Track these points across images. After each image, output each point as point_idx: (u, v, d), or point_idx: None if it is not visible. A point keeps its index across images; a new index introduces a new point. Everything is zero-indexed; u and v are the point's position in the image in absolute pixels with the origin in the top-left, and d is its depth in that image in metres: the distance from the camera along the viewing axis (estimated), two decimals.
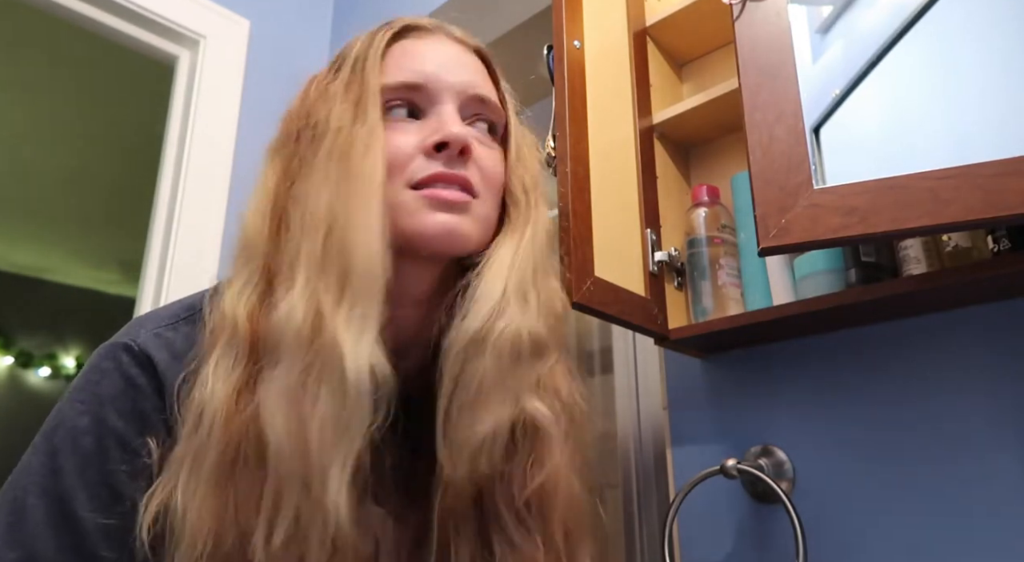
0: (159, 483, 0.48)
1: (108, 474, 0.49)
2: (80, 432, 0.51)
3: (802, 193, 0.60)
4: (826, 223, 0.58)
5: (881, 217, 0.56)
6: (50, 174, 3.29)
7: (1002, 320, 0.79)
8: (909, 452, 0.83)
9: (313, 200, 0.52)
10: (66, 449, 0.51)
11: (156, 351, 0.52)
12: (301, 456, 0.45)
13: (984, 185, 0.54)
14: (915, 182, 0.56)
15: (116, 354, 0.53)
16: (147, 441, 0.50)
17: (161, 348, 0.53)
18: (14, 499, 0.50)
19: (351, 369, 0.46)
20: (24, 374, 4.31)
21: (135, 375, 0.51)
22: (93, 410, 0.51)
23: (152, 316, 0.57)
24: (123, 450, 0.49)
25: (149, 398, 0.51)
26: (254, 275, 0.53)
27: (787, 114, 0.63)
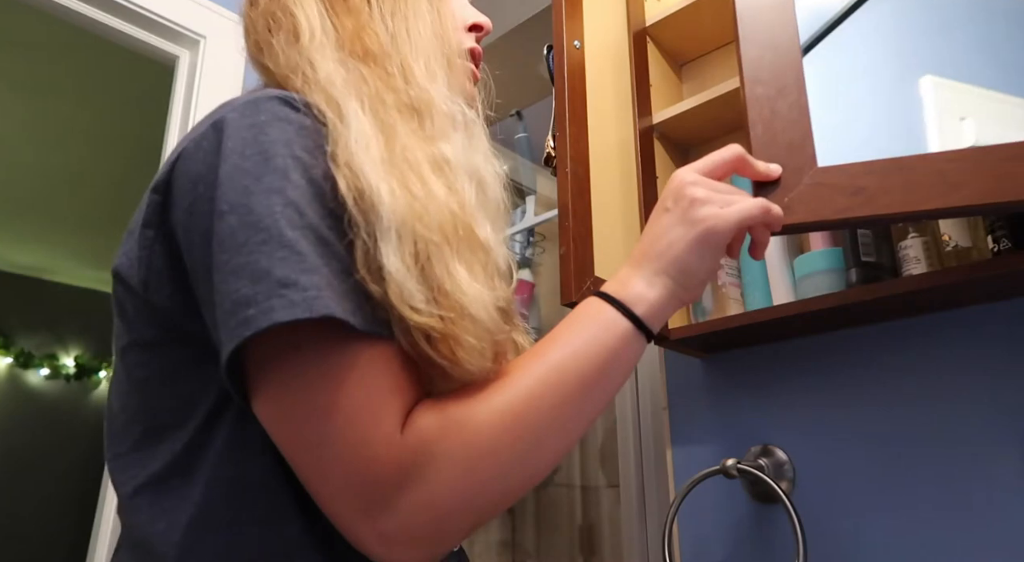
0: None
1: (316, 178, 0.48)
2: (286, 156, 0.48)
3: (806, 171, 0.56)
4: (832, 203, 0.55)
5: (889, 198, 0.53)
6: (50, 174, 3.28)
7: (1002, 320, 0.79)
8: (909, 452, 0.83)
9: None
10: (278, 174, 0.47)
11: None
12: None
13: (995, 169, 0.52)
14: (924, 163, 0.54)
15: (265, 105, 0.50)
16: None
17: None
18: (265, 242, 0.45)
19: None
20: (24, 374, 4.31)
21: (302, 115, 0.50)
22: (277, 140, 0.48)
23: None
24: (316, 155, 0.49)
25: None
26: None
27: (789, 88, 0.60)
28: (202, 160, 0.48)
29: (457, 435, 0.46)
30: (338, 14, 0.57)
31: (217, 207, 0.46)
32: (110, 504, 1.23)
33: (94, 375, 4.58)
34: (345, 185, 0.47)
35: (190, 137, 0.51)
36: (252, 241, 0.44)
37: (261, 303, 0.43)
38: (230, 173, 0.47)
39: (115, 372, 0.55)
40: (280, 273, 0.44)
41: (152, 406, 0.52)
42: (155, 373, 0.52)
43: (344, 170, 0.48)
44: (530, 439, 0.47)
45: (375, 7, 0.58)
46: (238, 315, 0.43)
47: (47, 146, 3.08)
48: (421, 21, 0.59)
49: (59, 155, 3.14)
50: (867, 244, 0.83)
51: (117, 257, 0.54)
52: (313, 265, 0.45)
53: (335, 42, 0.56)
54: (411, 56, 0.57)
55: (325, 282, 0.45)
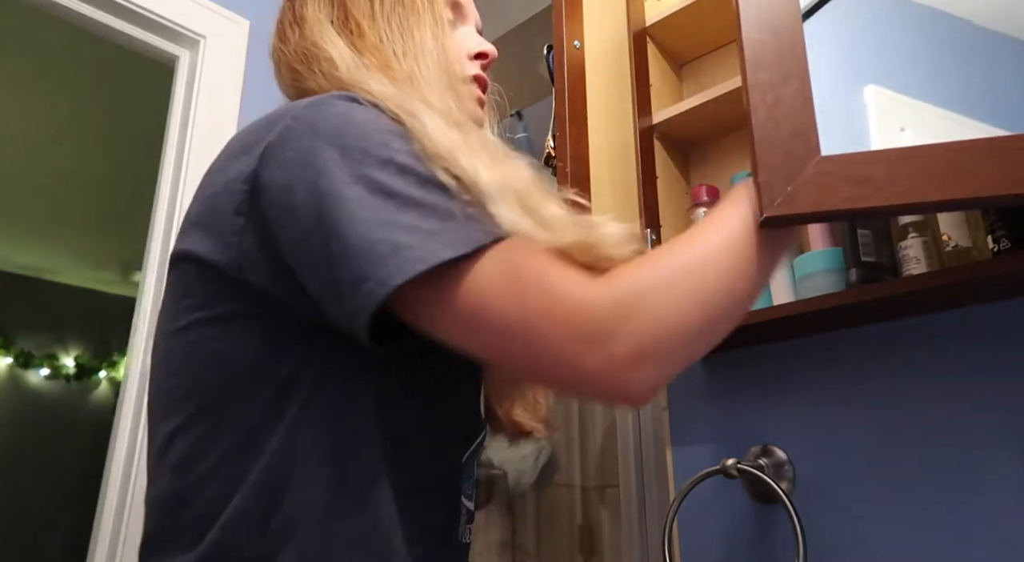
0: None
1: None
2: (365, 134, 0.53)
3: (810, 159, 0.54)
4: (837, 193, 0.53)
5: (898, 188, 0.52)
6: (50, 174, 3.28)
7: (1002, 320, 0.79)
8: (909, 451, 0.83)
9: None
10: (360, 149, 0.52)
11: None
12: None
13: (1008, 159, 0.50)
14: (935, 153, 0.52)
15: (335, 100, 0.56)
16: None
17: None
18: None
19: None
20: (24, 374, 4.31)
21: (368, 106, 0.56)
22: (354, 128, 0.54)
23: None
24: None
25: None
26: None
27: (793, 74, 0.58)
28: (295, 147, 0.53)
29: (658, 277, 0.51)
30: (362, 52, 0.64)
31: (333, 186, 0.50)
32: (110, 504, 1.23)
33: (94, 375, 4.58)
34: (443, 174, 0.52)
35: (262, 131, 0.56)
36: (386, 206, 0.49)
37: (420, 247, 0.48)
38: (335, 154, 0.51)
39: (165, 351, 0.58)
40: (428, 222, 0.49)
41: (215, 379, 0.55)
42: (227, 347, 0.55)
43: (437, 161, 0.53)
44: (724, 276, 0.53)
45: (388, 45, 0.65)
46: (392, 261, 0.47)
47: (47, 146, 3.08)
48: (429, 57, 0.66)
49: (59, 155, 3.14)
50: (867, 244, 0.83)
51: (186, 242, 0.57)
52: (448, 211, 0.50)
53: (374, 69, 0.63)
54: (426, 90, 0.63)
55: (462, 210, 0.51)
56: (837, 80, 0.62)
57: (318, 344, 0.54)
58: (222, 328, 0.55)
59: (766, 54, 0.60)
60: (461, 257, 0.48)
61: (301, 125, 0.53)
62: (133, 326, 1.36)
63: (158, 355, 0.59)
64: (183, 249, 0.57)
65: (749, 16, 0.61)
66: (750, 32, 0.61)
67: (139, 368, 1.31)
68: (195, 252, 0.56)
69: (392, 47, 0.65)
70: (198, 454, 0.54)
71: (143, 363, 1.31)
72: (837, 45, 0.64)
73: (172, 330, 0.57)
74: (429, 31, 0.67)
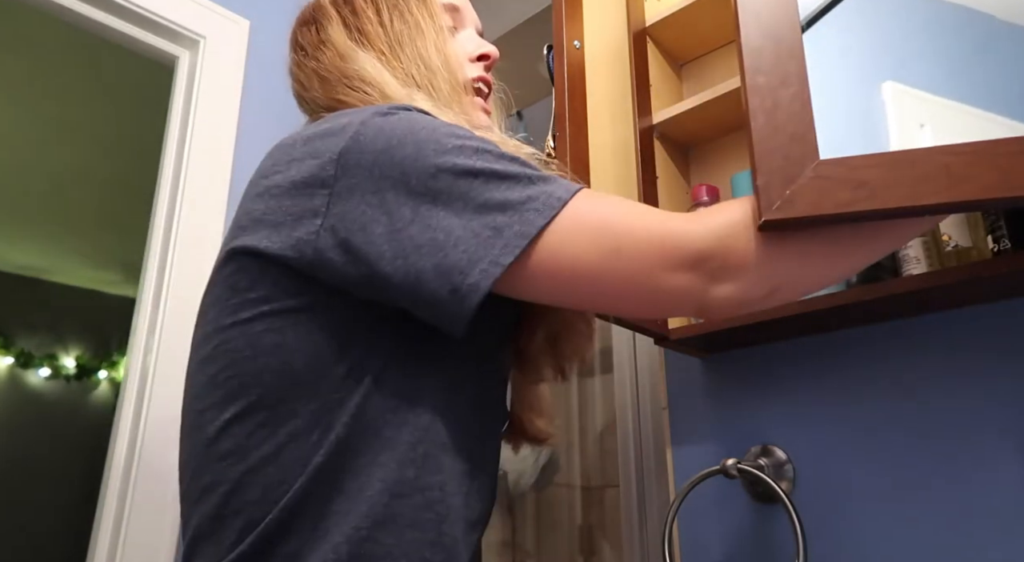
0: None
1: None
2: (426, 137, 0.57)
3: (808, 163, 0.55)
4: (834, 197, 0.54)
5: (893, 192, 0.53)
6: (50, 174, 3.28)
7: (1002, 320, 0.79)
8: (909, 452, 0.83)
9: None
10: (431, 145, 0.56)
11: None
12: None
13: (1002, 164, 0.51)
14: (929, 157, 0.53)
15: (392, 109, 0.60)
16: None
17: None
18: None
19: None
20: (24, 374, 4.31)
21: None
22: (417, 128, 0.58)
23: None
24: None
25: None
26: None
27: (792, 79, 0.59)
28: (372, 149, 0.56)
29: (746, 215, 0.55)
30: (396, 77, 0.70)
31: (421, 180, 0.54)
32: (110, 504, 1.23)
33: (94, 375, 4.58)
34: (512, 149, 0.60)
35: (329, 138, 0.59)
36: (474, 186, 0.54)
37: (518, 221, 0.53)
38: (413, 151, 0.55)
39: (220, 342, 0.60)
40: (516, 195, 0.54)
41: (280, 370, 0.57)
42: (292, 339, 0.57)
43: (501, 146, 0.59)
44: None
45: (409, 71, 0.71)
46: (505, 233, 0.52)
47: (47, 146, 3.08)
48: (439, 76, 0.71)
49: (59, 155, 3.14)
50: None
51: (249, 240, 0.60)
52: (532, 176, 0.55)
53: (413, 93, 0.69)
54: (448, 112, 0.67)
55: (538, 174, 0.56)
56: (854, 77, 0.62)
57: (381, 337, 0.57)
58: (289, 321, 0.58)
59: (765, 58, 0.61)
60: (554, 218, 0.53)
61: (371, 130, 0.57)
62: (133, 326, 1.36)
63: (210, 346, 0.61)
64: (246, 245, 0.59)
65: (748, 20, 0.62)
66: (749, 36, 0.61)
67: (139, 368, 1.31)
68: (261, 248, 0.58)
69: (410, 72, 0.70)
70: (258, 441, 0.56)
71: (143, 363, 1.31)
72: (853, 42, 0.64)
73: (230, 322, 0.60)
74: (433, 46, 0.72)
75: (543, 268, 0.54)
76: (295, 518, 0.55)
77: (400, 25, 0.73)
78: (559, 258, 0.54)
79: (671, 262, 0.54)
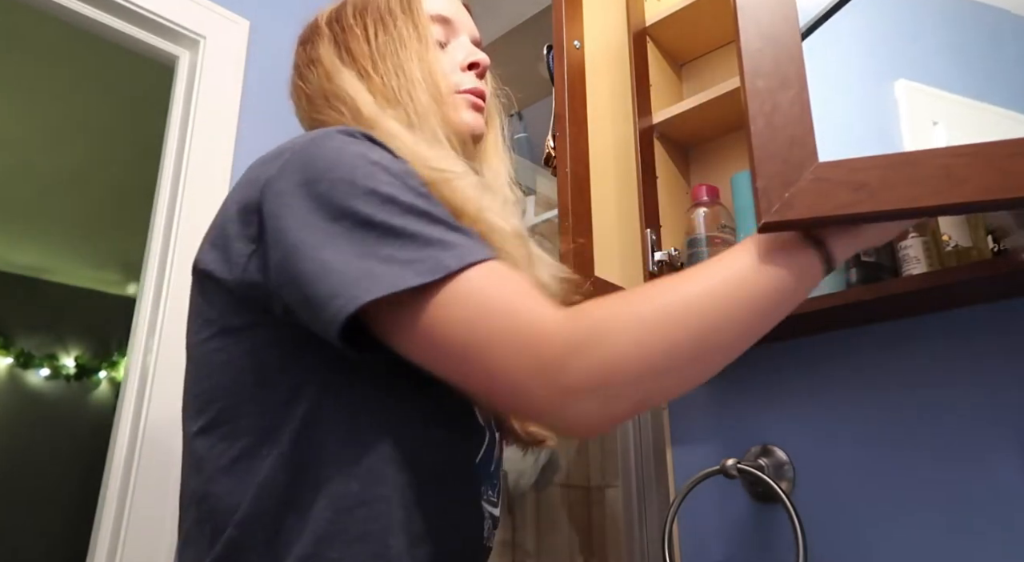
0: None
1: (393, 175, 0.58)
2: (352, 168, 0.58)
3: (807, 166, 0.55)
4: (834, 199, 0.54)
5: (892, 194, 0.53)
6: (50, 174, 3.28)
7: (1002, 320, 0.79)
8: (909, 451, 0.83)
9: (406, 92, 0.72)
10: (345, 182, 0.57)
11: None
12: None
13: (1001, 165, 0.51)
14: (928, 158, 0.53)
15: (333, 135, 0.61)
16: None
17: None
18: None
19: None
20: (24, 374, 4.31)
21: (364, 139, 0.61)
22: (346, 160, 0.58)
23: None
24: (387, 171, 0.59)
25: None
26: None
27: (791, 82, 0.59)
28: (290, 180, 0.58)
29: (627, 313, 0.52)
30: (373, 94, 0.71)
31: (325, 215, 0.55)
32: (110, 504, 1.23)
33: (94, 375, 4.58)
34: (430, 202, 0.58)
35: (267, 164, 0.61)
36: (367, 238, 0.54)
37: (391, 274, 0.52)
38: (325, 187, 0.56)
39: (195, 358, 0.65)
40: (405, 251, 0.54)
41: (230, 386, 0.60)
42: (238, 356, 0.61)
43: (433, 187, 0.60)
44: (697, 326, 0.53)
45: (386, 84, 0.71)
46: (363, 283, 0.52)
47: (47, 146, 3.08)
48: (420, 89, 0.71)
49: (59, 155, 3.14)
50: None
51: (205, 261, 0.63)
52: (430, 237, 0.54)
53: (388, 114, 0.69)
54: (427, 127, 0.69)
55: (459, 238, 0.55)
56: (866, 76, 0.62)
57: (322, 354, 0.58)
58: (234, 339, 0.61)
59: (764, 61, 0.61)
60: (429, 283, 0.52)
61: (298, 159, 0.58)
62: (133, 326, 1.36)
63: (190, 362, 0.65)
64: (203, 267, 0.63)
65: (747, 24, 0.62)
66: (748, 40, 0.62)
67: (139, 368, 1.31)
68: (212, 272, 0.62)
69: (389, 85, 0.72)
70: (218, 454, 0.59)
71: (143, 363, 1.31)
72: (865, 39, 0.64)
73: (196, 341, 0.64)
74: (415, 58, 0.73)
75: (408, 327, 0.54)
76: (249, 533, 0.56)
77: (384, 39, 0.74)
78: (421, 326, 0.53)
79: (532, 372, 0.51)
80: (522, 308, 0.53)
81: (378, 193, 0.55)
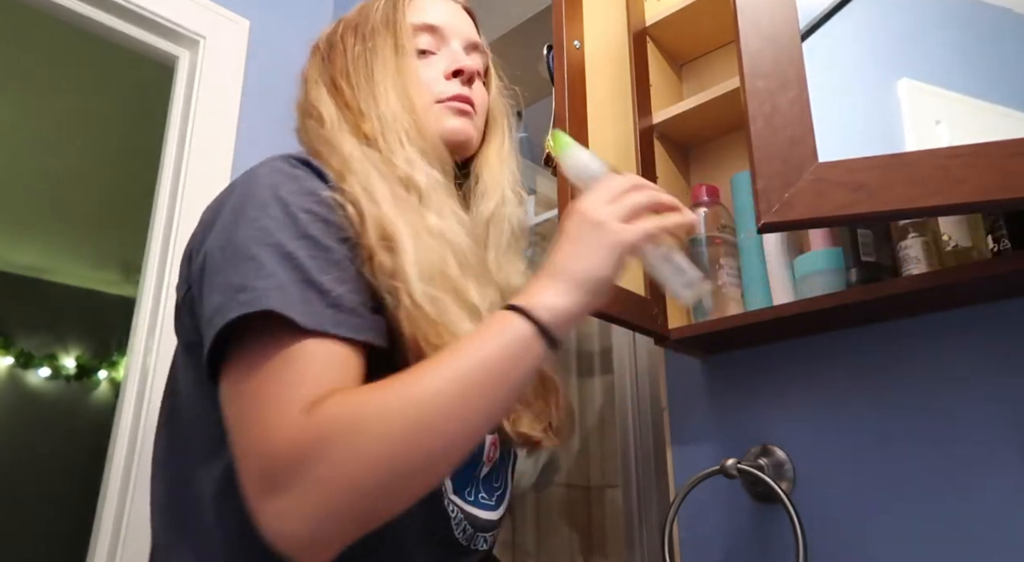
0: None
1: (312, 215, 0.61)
2: (273, 200, 0.61)
3: (807, 166, 0.56)
4: (832, 199, 0.54)
5: (891, 194, 0.53)
6: (50, 174, 3.28)
7: (1002, 320, 0.79)
8: (909, 451, 0.83)
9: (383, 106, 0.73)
10: (274, 213, 0.59)
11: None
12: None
13: (999, 165, 0.51)
14: (926, 159, 0.53)
15: (275, 163, 0.64)
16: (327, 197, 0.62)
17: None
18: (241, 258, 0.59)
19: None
20: (24, 374, 4.30)
21: (297, 168, 0.64)
22: (274, 186, 0.62)
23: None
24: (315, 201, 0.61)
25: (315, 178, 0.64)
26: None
27: (791, 83, 0.59)
28: (212, 209, 0.65)
29: (350, 420, 0.50)
30: (343, 110, 0.73)
31: (212, 245, 0.60)
32: (110, 504, 1.23)
33: (94, 375, 4.58)
34: (374, 227, 0.60)
35: (221, 195, 0.67)
36: (228, 263, 0.57)
37: (226, 307, 0.54)
38: (225, 216, 0.61)
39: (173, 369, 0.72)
40: (238, 281, 0.55)
41: (175, 397, 0.68)
42: (182, 370, 0.67)
43: (371, 219, 0.61)
44: (421, 429, 0.50)
45: (359, 102, 0.73)
46: (213, 321, 0.55)
47: (47, 146, 3.08)
48: (394, 107, 0.72)
49: (59, 155, 3.14)
50: (867, 244, 0.83)
51: (178, 283, 0.70)
52: (270, 272, 0.55)
53: (348, 129, 0.71)
54: (393, 138, 0.70)
55: (276, 284, 0.54)
56: (869, 75, 0.62)
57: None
58: (184, 355, 0.67)
59: (764, 62, 0.61)
60: (244, 316, 0.54)
61: (227, 190, 0.65)
62: (133, 326, 1.36)
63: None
64: (177, 286, 0.70)
65: (747, 25, 0.62)
66: (748, 41, 0.62)
67: (139, 368, 1.31)
68: (179, 291, 0.68)
69: (361, 104, 0.73)
70: (158, 457, 0.67)
71: (143, 363, 1.31)
72: (867, 39, 0.63)
73: (176, 354, 0.71)
74: (390, 72, 0.74)
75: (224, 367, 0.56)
76: (165, 543, 0.62)
77: (359, 51, 0.76)
78: (223, 368, 0.56)
79: (256, 482, 0.50)
80: (278, 406, 0.52)
81: (258, 222, 0.58)
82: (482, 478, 0.73)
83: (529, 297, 0.57)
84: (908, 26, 0.63)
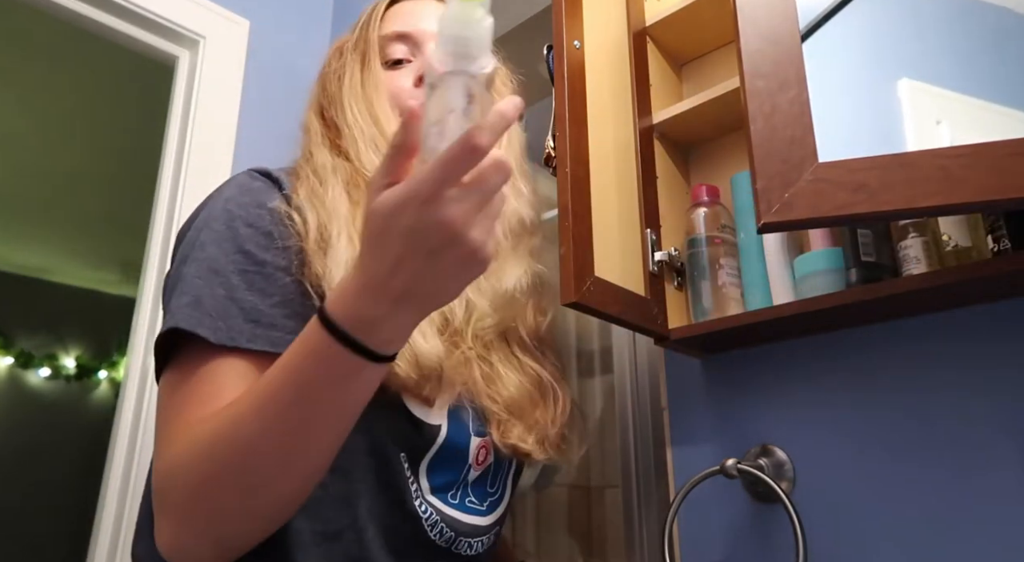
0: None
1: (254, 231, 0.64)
2: (222, 216, 0.65)
3: (806, 167, 0.56)
4: (832, 199, 0.54)
5: (891, 195, 0.53)
6: (50, 174, 3.28)
7: (1002, 320, 0.79)
8: (909, 452, 0.83)
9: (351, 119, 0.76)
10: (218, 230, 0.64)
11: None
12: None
13: (999, 165, 0.51)
14: (926, 159, 0.53)
15: (239, 177, 0.69)
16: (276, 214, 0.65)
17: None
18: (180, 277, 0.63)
19: None
20: (24, 374, 4.30)
21: (257, 181, 0.69)
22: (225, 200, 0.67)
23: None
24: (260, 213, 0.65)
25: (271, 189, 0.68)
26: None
27: (790, 82, 0.59)
28: (188, 220, 0.70)
29: (196, 443, 0.52)
30: (324, 125, 0.77)
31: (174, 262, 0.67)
32: (110, 504, 1.23)
33: (94, 375, 4.58)
34: (314, 231, 0.63)
35: (197, 209, 0.73)
36: (171, 281, 0.63)
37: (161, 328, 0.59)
38: (190, 234, 0.65)
39: None
40: (169, 299, 0.60)
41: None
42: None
43: (312, 224, 0.63)
44: (238, 456, 0.51)
45: (337, 116, 0.76)
46: (174, 314, 0.59)
47: (47, 146, 3.08)
48: (353, 112, 0.75)
49: (59, 155, 3.14)
50: (867, 244, 0.83)
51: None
52: (188, 289, 0.58)
53: (327, 145, 0.74)
54: (362, 148, 0.72)
55: (189, 302, 0.57)
56: (869, 75, 0.62)
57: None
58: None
59: (764, 62, 0.61)
60: (161, 335, 0.57)
61: (200, 215, 0.68)
62: (133, 326, 1.36)
63: None
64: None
65: (747, 24, 0.62)
66: (747, 40, 0.62)
67: (139, 368, 1.31)
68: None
69: (336, 119, 0.76)
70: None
71: (143, 363, 1.31)
72: (868, 39, 0.63)
73: None
74: (356, 87, 0.76)
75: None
76: (145, 536, 0.62)
77: (335, 68, 0.80)
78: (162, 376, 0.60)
79: (154, 489, 0.55)
80: (174, 423, 0.55)
81: (197, 240, 0.63)
82: (472, 482, 0.72)
83: (357, 316, 0.54)
84: (908, 26, 0.63)
